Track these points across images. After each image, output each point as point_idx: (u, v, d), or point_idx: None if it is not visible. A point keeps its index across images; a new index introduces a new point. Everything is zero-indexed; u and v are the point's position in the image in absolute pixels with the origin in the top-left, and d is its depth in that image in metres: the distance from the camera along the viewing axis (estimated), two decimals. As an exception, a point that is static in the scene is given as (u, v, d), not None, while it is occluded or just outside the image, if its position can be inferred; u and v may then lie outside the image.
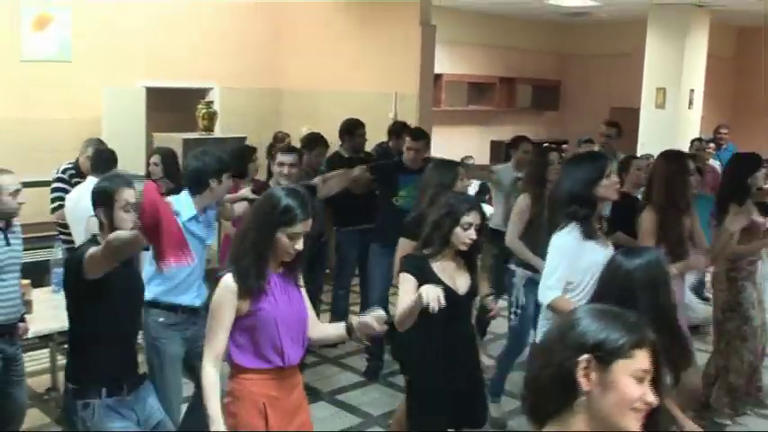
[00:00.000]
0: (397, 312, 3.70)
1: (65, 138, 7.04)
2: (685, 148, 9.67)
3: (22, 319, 4.65)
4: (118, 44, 8.49)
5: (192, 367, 4.44)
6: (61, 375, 5.75)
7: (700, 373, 5.65)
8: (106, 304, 3.47)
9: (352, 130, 7.39)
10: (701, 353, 6.14)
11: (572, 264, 4.10)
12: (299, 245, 3.32)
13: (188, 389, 4.70)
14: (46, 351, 5.99)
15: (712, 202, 5.95)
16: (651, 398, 1.89)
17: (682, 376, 3.38)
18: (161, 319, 4.41)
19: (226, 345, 3.30)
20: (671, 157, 5.36)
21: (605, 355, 1.87)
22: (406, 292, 3.88)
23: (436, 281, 3.84)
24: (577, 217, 4.16)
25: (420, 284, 3.74)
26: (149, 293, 4.21)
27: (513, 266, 5.54)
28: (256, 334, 3.32)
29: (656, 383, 1.94)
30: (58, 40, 8.27)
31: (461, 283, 4.07)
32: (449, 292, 3.75)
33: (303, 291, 3.58)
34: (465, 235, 3.95)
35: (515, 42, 13.60)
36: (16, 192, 4.49)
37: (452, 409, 4.12)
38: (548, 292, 4.12)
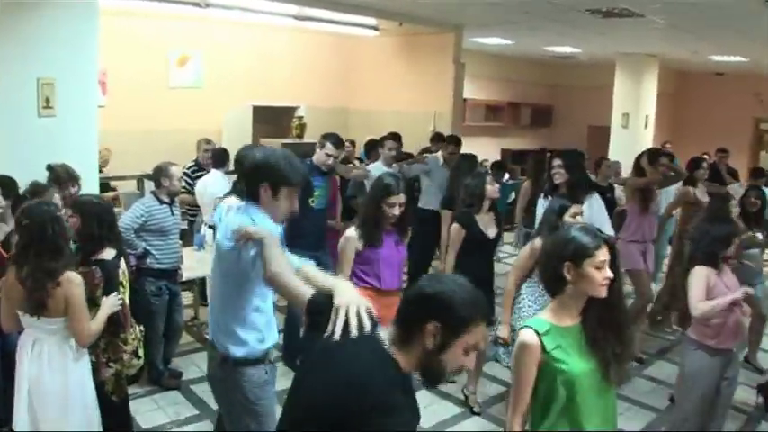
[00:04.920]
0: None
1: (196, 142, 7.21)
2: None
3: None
4: (234, 75, 8.68)
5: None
6: (202, 310, 5.95)
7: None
8: None
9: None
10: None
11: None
12: (396, 211, 3.63)
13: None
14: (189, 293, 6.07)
15: None
16: (609, 274, 2.21)
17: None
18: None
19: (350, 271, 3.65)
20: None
21: (578, 259, 2.21)
22: (458, 238, 4.38)
23: (477, 227, 4.38)
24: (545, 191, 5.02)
25: (466, 232, 4.33)
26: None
27: None
28: (365, 265, 3.69)
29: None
30: (194, 73, 8.50)
31: (491, 231, 4.47)
32: (482, 237, 4.40)
33: (404, 247, 3.88)
34: (492, 190, 4.43)
35: (520, 76, 13.53)
36: (179, 179, 4.75)
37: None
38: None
